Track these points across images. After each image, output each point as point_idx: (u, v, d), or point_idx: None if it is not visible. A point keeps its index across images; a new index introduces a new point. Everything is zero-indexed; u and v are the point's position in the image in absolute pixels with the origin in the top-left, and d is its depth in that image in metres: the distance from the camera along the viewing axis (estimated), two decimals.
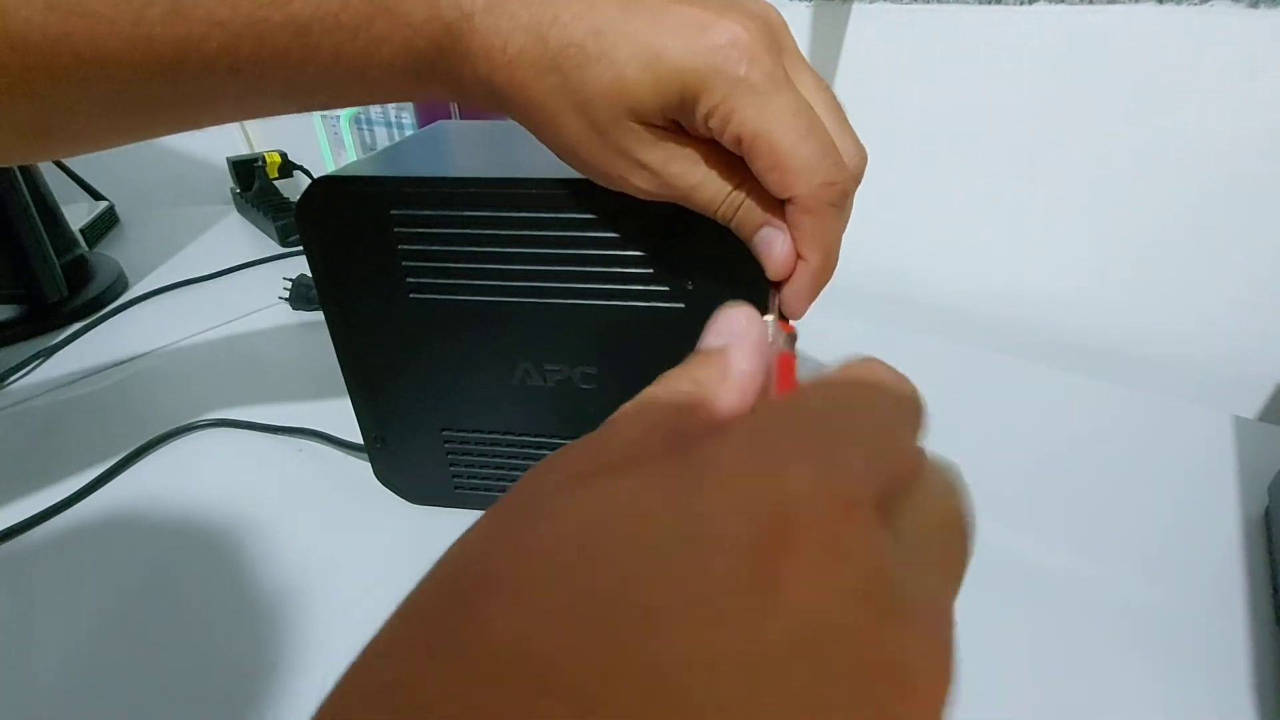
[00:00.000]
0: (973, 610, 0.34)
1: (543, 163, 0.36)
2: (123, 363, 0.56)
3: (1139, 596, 0.34)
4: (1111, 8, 0.45)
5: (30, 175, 0.65)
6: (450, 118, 0.70)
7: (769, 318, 0.21)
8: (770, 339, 0.20)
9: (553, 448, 0.36)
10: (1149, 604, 0.34)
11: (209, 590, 0.35)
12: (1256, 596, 0.34)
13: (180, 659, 0.32)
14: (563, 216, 0.30)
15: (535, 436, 0.36)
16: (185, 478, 0.43)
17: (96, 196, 0.86)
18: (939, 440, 0.50)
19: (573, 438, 0.15)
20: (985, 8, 0.49)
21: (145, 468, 0.44)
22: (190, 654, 0.32)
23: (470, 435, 0.37)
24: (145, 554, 0.38)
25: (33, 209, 0.59)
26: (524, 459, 0.37)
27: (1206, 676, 0.30)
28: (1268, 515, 0.38)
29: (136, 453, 0.44)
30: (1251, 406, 0.51)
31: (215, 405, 0.49)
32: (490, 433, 0.37)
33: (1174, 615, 0.33)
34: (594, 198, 0.29)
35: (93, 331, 0.61)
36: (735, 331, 0.18)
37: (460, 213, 0.30)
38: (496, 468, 0.38)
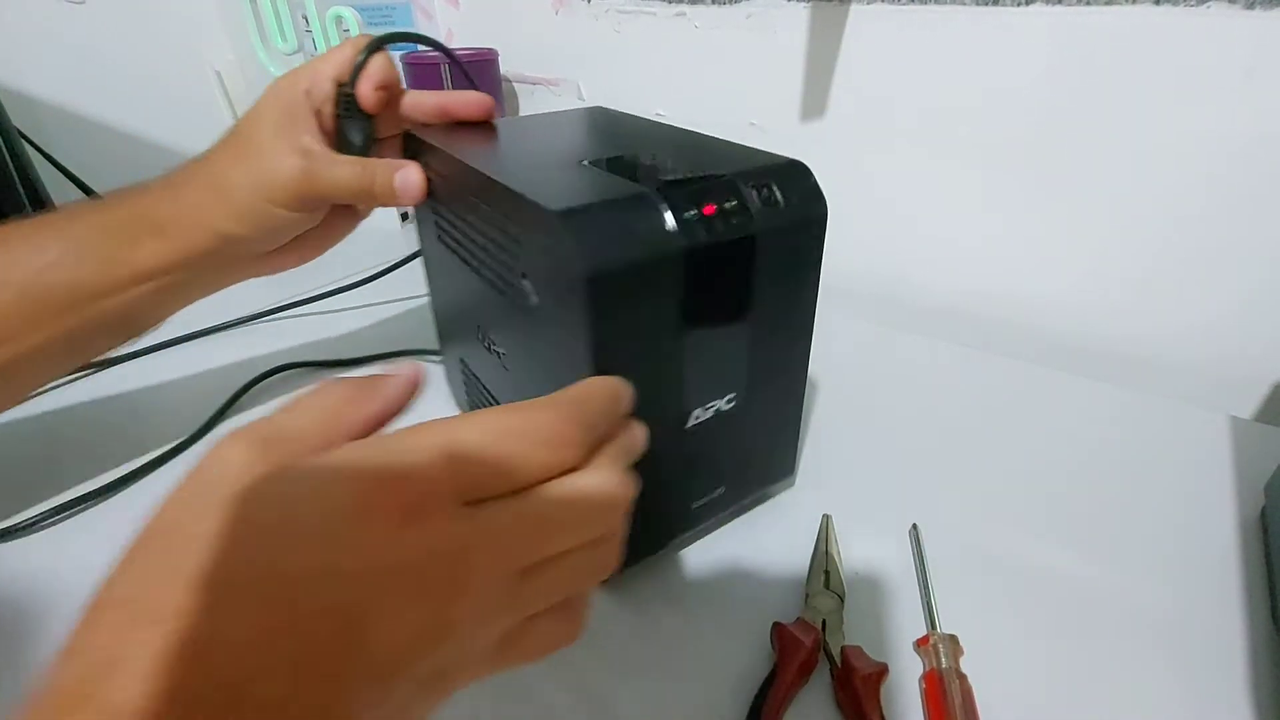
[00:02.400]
0: (970, 610, 0.34)
1: None
2: (119, 362, 0.56)
3: (1136, 596, 0.34)
4: (1108, 9, 0.45)
5: (26, 175, 0.65)
6: None
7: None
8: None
9: None
10: (1145, 604, 0.34)
11: None
12: (1253, 596, 0.34)
13: None
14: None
15: None
16: None
17: (93, 196, 0.85)
18: (939, 441, 0.50)
19: None
20: (982, 9, 0.49)
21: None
22: None
23: None
24: None
25: (29, 209, 0.59)
26: None
27: (1204, 676, 0.30)
28: (1264, 515, 0.38)
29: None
30: (1248, 407, 0.51)
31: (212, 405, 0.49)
32: None
33: (1171, 615, 0.33)
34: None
35: None
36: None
37: None
38: None
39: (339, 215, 0.42)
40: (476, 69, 0.70)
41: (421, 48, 0.44)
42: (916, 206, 0.58)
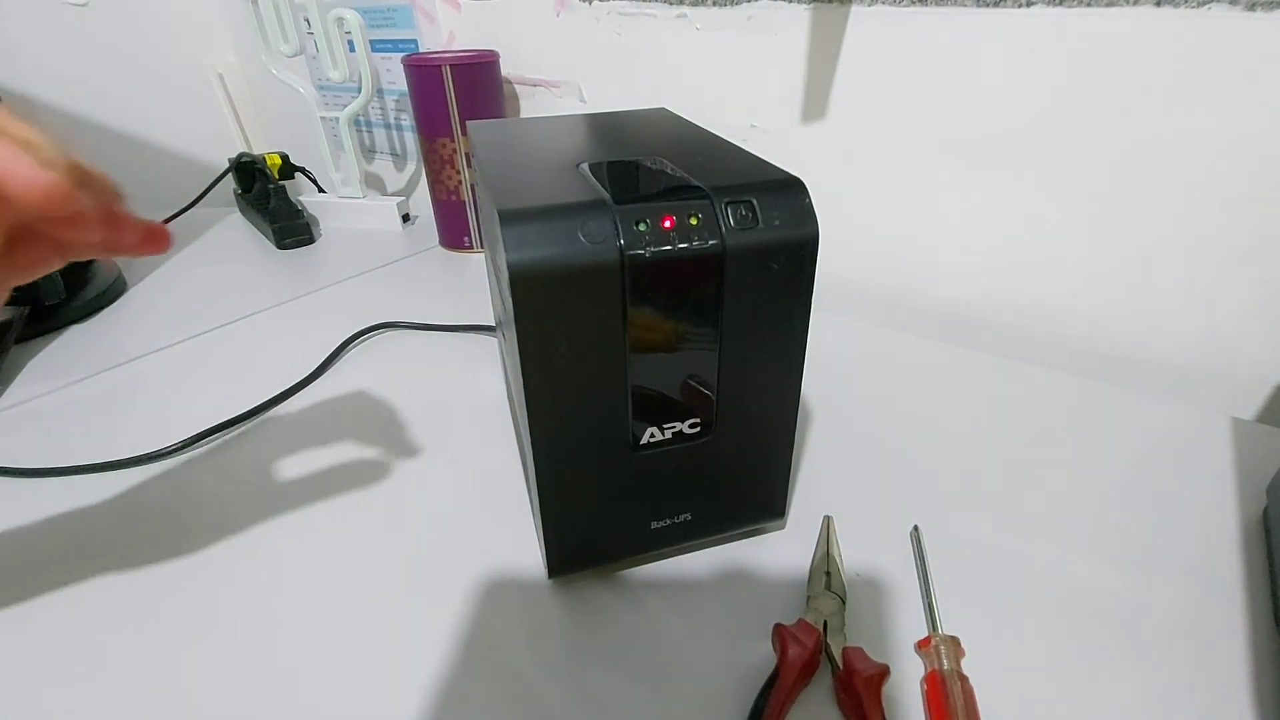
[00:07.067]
0: (972, 611, 0.34)
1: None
2: (118, 365, 0.56)
3: (1137, 597, 0.34)
4: (1110, 10, 0.45)
5: None
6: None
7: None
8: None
9: None
10: (1147, 605, 0.34)
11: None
12: (1255, 597, 0.34)
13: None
14: None
15: None
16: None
17: None
18: (940, 443, 0.50)
19: None
20: (983, 10, 0.49)
21: None
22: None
23: None
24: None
25: None
26: None
27: (1205, 677, 0.30)
28: (1266, 516, 0.38)
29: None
30: (1249, 408, 0.51)
31: (214, 408, 0.49)
32: None
33: (1173, 616, 0.33)
34: None
35: (89, 333, 0.60)
36: None
37: None
38: None
39: None
40: (477, 71, 0.70)
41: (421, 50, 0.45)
42: (917, 208, 0.58)
